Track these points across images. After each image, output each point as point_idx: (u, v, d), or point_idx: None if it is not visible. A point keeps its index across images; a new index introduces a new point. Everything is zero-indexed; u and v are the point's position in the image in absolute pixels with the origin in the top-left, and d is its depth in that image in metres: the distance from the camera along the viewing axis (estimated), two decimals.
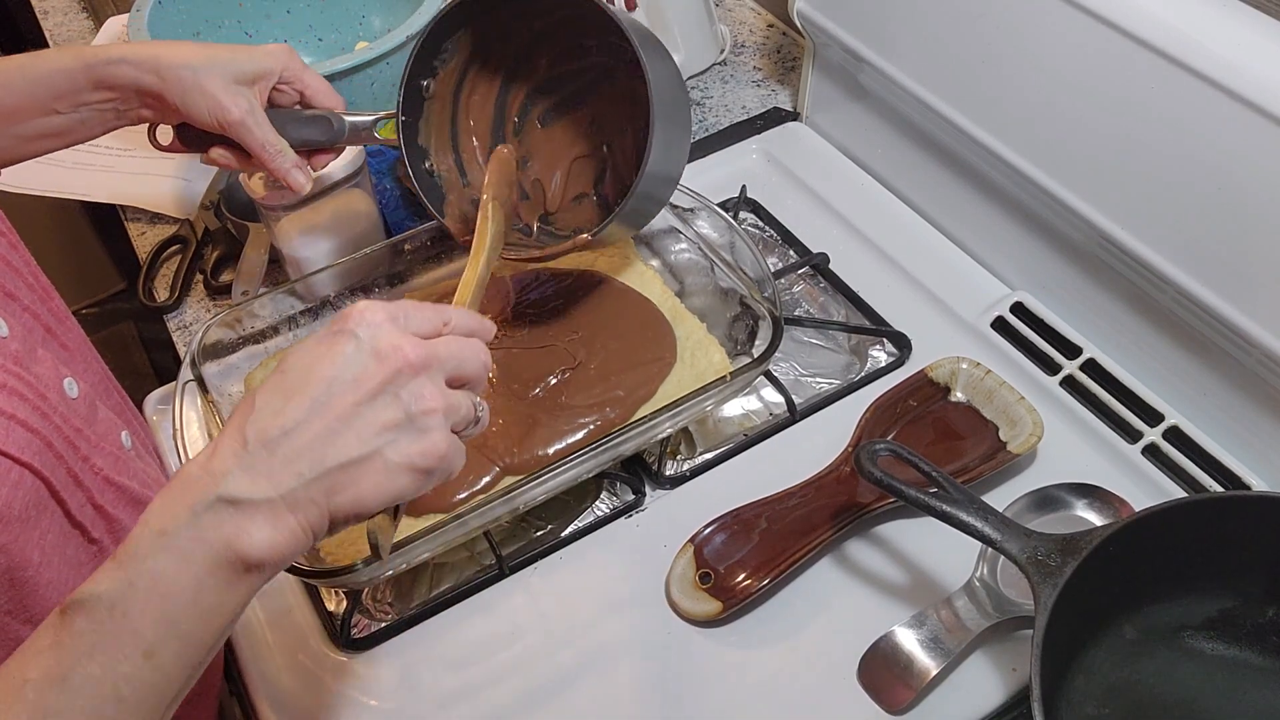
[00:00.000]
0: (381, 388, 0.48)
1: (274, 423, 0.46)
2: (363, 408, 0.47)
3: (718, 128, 1.16)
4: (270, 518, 0.45)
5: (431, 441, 0.49)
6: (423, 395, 0.48)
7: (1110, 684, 0.67)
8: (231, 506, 0.45)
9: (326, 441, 0.46)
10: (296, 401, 0.47)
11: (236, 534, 0.45)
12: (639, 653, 0.74)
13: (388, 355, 0.48)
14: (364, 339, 0.48)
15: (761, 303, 0.82)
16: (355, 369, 0.48)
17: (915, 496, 0.68)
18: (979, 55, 0.88)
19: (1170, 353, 0.83)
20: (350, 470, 0.47)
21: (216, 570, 0.45)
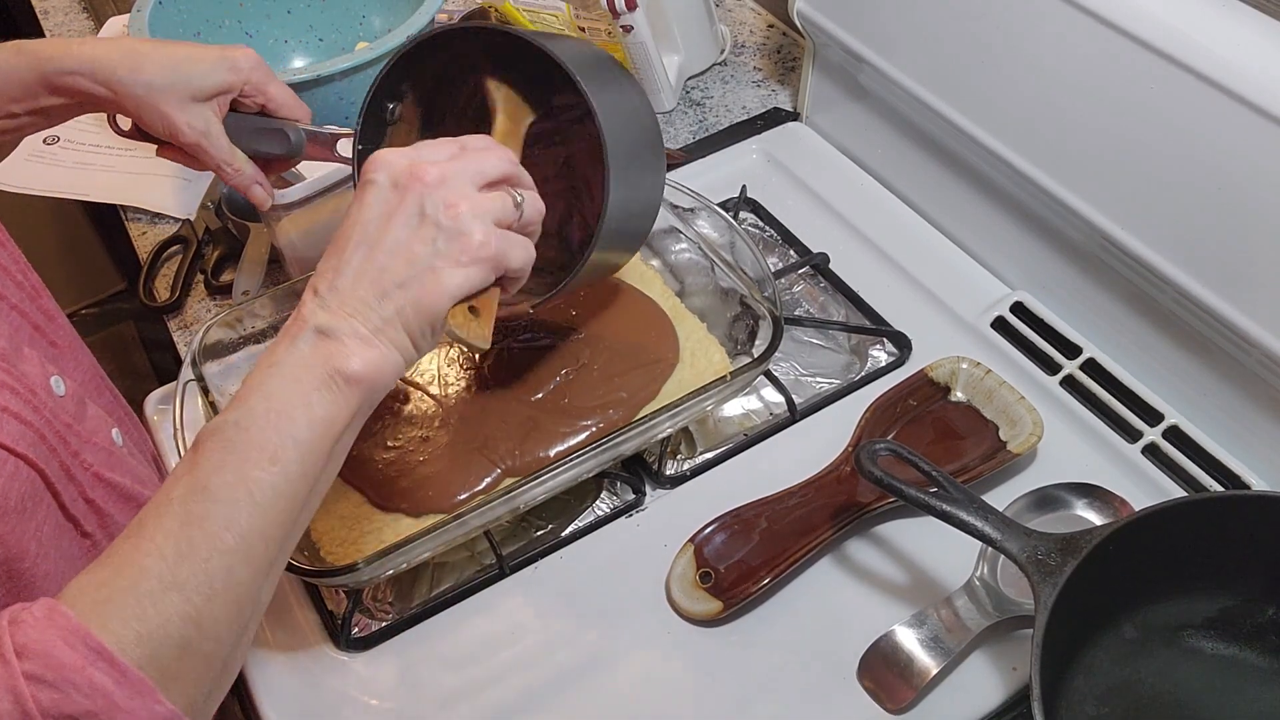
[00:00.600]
0: (409, 211, 0.54)
1: (336, 272, 0.53)
2: (400, 232, 0.53)
3: (718, 128, 1.16)
4: (356, 340, 0.52)
5: (468, 239, 0.54)
6: (448, 202, 0.54)
7: (1110, 683, 0.67)
8: (323, 335, 0.52)
9: (382, 272, 0.53)
10: (348, 250, 0.54)
11: (332, 354, 0.52)
12: (639, 652, 0.74)
13: (407, 184, 0.54)
14: (383, 179, 0.54)
15: (762, 302, 0.82)
16: (384, 204, 0.54)
17: (915, 496, 0.68)
18: (979, 55, 0.88)
19: (1170, 352, 0.83)
20: (407, 287, 0.53)
21: (322, 385, 0.51)
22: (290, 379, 0.51)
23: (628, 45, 1.12)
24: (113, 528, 0.62)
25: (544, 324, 0.86)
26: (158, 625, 0.45)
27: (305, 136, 0.78)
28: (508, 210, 0.57)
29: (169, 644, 0.46)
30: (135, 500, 0.65)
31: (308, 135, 0.79)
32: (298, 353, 0.52)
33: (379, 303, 0.53)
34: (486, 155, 0.57)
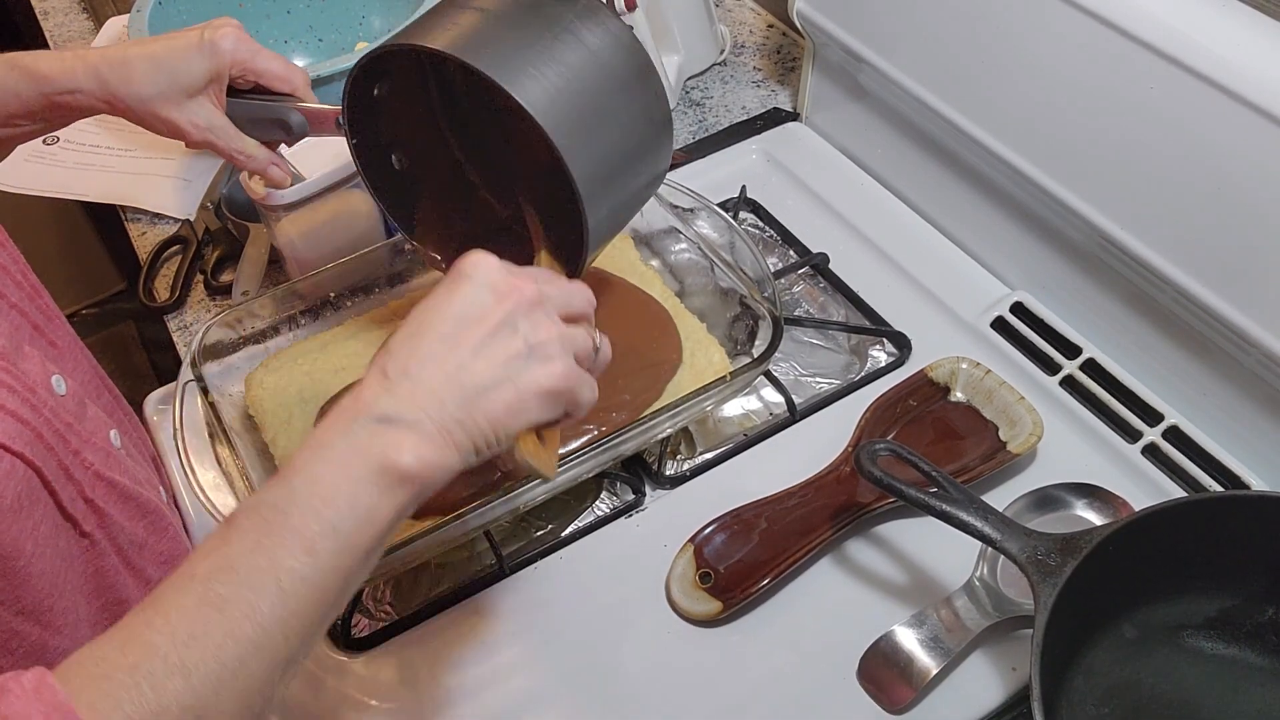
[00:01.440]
0: (503, 321, 0.52)
1: (411, 360, 0.51)
2: (489, 339, 0.52)
3: (717, 128, 1.16)
4: (418, 435, 0.49)
5: (554, 366, 0.53)
6: (541, 325, 0.53)
7: (1110, 683, 0.67)
8: (384, 424, 0.49)
9: (460, 370, 0.51)
10: (429, 339, 0.52)
11: (388, 446, 0.49)
12: (639, 653, 0.74)
13: (506, 293, 0.53)
14: (481, 281, 0.53)
15: (761, 303, 0.82)
16: (478, 306, 0.53)
17: (915, 496, 0.68)
18: (979, 55, 0.88)
19: (1170, 353, 0.83)
20: (486, 395, 0.51)
21: (371, 478, 0.48)
22: (340, 465, 0.48)
23: None
24: (112, 527, 0.62)
25: None
26: (153, 712, 0.42)
27: (305, 118, 0.78)
28: (588, 348, 0.56)
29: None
30: (135, 500, 0.65)
31: (307, 115, 0.78)
32: (353, 438, 0.49)
33: (455, 402, 0.51)
34: (576, 290, 0.58)
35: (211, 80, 0.74)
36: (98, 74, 0.72)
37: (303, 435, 0.79)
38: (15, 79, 0.71)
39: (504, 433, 0.52)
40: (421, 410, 0.50)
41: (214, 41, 0.73)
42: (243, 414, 0.82)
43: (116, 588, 0.62)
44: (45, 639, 0.56)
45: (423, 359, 0.51)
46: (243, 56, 0.74)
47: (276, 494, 0.48)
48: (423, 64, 0.79)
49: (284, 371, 0.83)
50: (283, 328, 0.87)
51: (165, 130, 0.74)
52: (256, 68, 0.75)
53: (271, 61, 0.76)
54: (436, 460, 0.50)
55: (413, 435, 0.49)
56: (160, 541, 0.68)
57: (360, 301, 0.90)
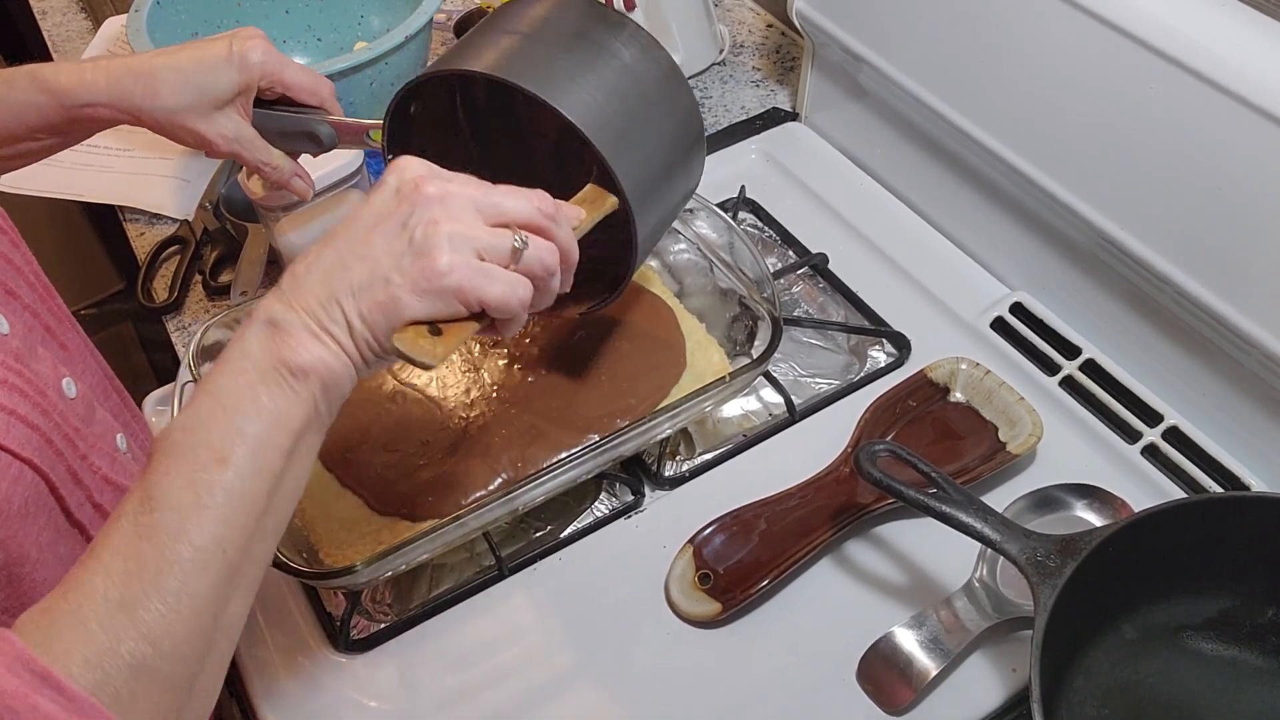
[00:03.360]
0: (397, 219, 0.51)
1: (304, 265, 0.51)
2: (374, 237, 0.51)
3: (717, 128, 1.16)
4: (305, 333, 0.50)
5: (434, 260, 0.50)
6: (429, 218, 0.51)
7: (1110, 684, 0.67)
8: (271, 326, 0.50)
9: (340, 269, 0.51)
10: (329, 247, 0.52)
11: (278, 345, 0.49)
12: (638, 654, 0.74)
13: (406, 193, 0.52)
14: (390, 184, 0.52)
15: (760, 303, 0.82)
16: (381, 207, 0.52)
17: (914, 497, 0.68)
18: (978, 55, 0.88)
19: (1169, 353, 0.83)
20: (361, 295, 0.50)
21: (268, 376, 0.49)
22: (237, 372, 0.49)
23: None
24: None
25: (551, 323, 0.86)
26: (106, 648, 0.43)
27: (335, 130, 0.77)
28: (499, 247, 0.53)
29: (120, 667, 0.43)
30: None
31: (336, 127, 0.77)
32: (245, 345, 0.50)
33: (330, 302, 0.50)
34: (511, 195, 0.54)
35: (240, 93, 0.73)
36: (121, 87, 0.71)
37: None
38: (35, 91, 0.70)
39: (379, 330, 0.51)
40: (302, 309, 0.50)
41: (243, 54, 0.72)
42: None
43: None
44: None
45: (314, 265, 0.51)
46: (272, 69, 0.74)
47: (184, 418, 0.48)
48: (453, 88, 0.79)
49: None
50: None
51: (191, 141, 0.73)
52: (285, 79, 0.75)
53: (300, 74, 0.76)
54: (328, 358, 0.50)
55: (295, 333, 0.50)
56: None
57: None
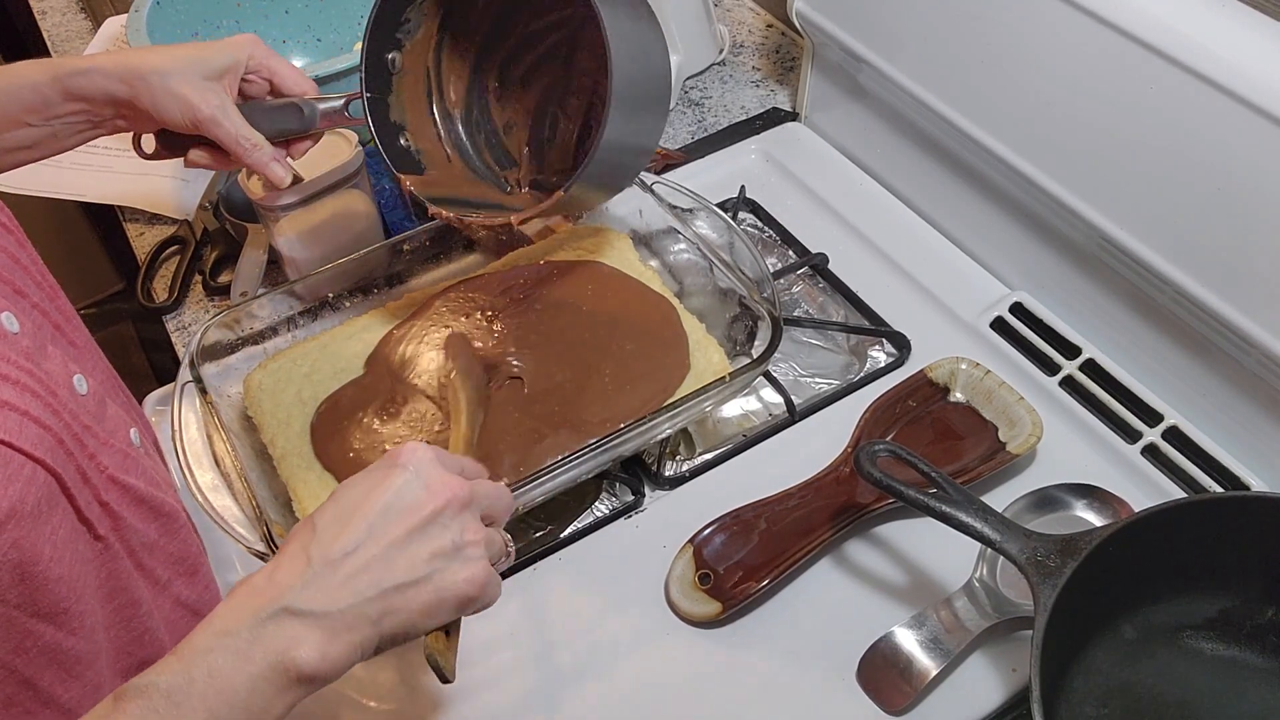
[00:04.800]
0: (432, 518, 0.52)
1: (335, 545, 0.51)
2: (415, 535, 0.52)
3: (716, 128, 1.16)
4: (326, 632, 0.49)
5: (475, 570, 0.53)
6: (468, 528, 0.54)
7: (1110, 684, 0.67)
8: (293, 617, 0.49)
9: (383, 564, 0.51)
10: (355, 525, 0.51)
11: (293, 643, 0.48)
12: (638, 654, 0.74)
13: (438, 490, 0.53)
14: (414, 473, 0.53)
15: (760, 303, 0.82)
16: (409, 499, 0.52)
17: (914, 497, 0.68)
18: (978, 55, 0.88)
19: (1169, 353, 0.83)
20: (403, 591, 0.51)
21: (270, 675, 0.48)
22: (238, 655, 0.48)
23: None
24: (126, 531, 0.62)
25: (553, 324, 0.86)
26: None
27: (317, 108, 0.80)
28: (501, 552, 0.57)
29: None
30: (148, 504, 0.65)
31: (319, 107, 0.80)
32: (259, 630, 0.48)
33: (370, 597, 0.50)
34: (497, 491, 0.58)
35: (228, 70, 0.76)
36: (118, 56, 0.73)
37: (301, 436, 0.79)
38: (34, 70, 0.72)
39: (415, 631, 0.52)
40: (335, 603, 0.49)
41: (234, 42, 0.77)
42: (241, 415, 0.82)
43: (129, 590, 0.62)
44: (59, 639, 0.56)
45: (347, 548, 0.51)
46: (260, 55, 0.78)
47: (173, 680, 0.47)
48: None
49: (282, 373, 0.83)
50: (281, 328, 0.87)
51: (176, 109, 0.74)
52: (272, 65, 0.78)
53: (287, 66, 0.79)
54: (338, 659, 0.49)
55: (318, 631, 0.49)
56: (171, 543, 0.68)
57: (359, 302, 0.90)
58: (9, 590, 0.52)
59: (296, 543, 0.52)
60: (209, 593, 0.72)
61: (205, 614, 0.70)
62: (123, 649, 0.62)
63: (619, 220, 0.95)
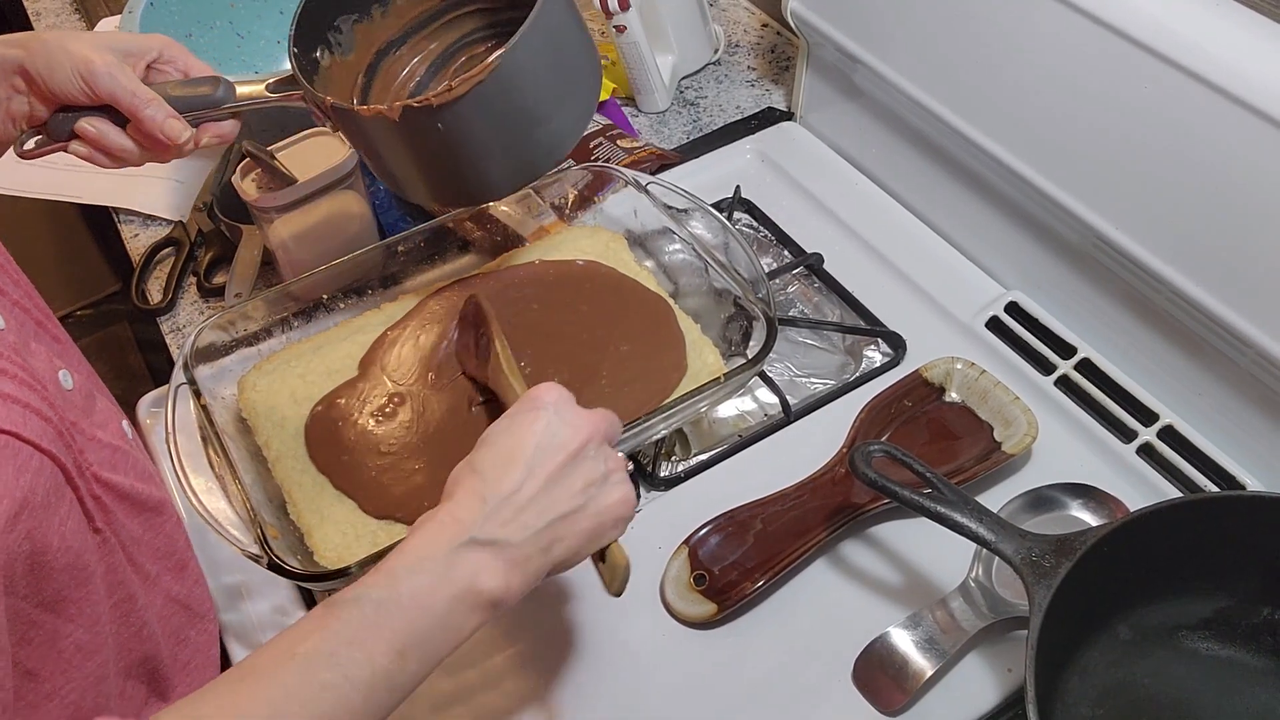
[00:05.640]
0: (580, 452, 0.58)
1: (502, 484, 0.56)
2: (569, 468, 0.57)
3: (712, 127, 1.16)
4: (506, 561, 0.54)
5: (624, 492, 0.59)
6: (610, 456, 0.59)
7: (1105, 684, 0.67)
8: (480, 547, 0.54)
9: (546, 498, 0.56)
10: (515, 465, 0.56)
11: (481, 570, 0.53)
12: (633, 655, 0.74)
13: (581, 426, 0.58)
14: (556, 413, 0.58)
15: (756, 303, 0.82)
16: (558, 437, 0.57)
17: (910, 498, 0.68)
18: (973, 55, 0.88)
19: (1165, 352, 0.83)
20: (568, 520, 0.56)
21: (463, 596, 0.53)
22: (437, 578, 0.53)
23: (621, 45, 1.12)
24: (117, 526, 0.63)
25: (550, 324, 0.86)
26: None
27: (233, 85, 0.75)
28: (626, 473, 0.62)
29: None
30: (134, 499, 0.65)
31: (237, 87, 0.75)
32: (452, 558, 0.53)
33: (542, 530, 0.55)
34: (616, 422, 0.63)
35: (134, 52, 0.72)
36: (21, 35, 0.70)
37: (295, 438, 0.79)
38: None
39: (580, 555, 0.58)
40: (512, 535, 0.55)
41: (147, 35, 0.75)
42: (236, 416, 0.82)
43: (125, 584, 0.63)
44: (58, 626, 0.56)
45: (513, 486, 0.56)
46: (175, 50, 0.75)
47: (382, 593, 0.52)
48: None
49: (277, 374, 0.83)
50: (276, 330, 0.86)
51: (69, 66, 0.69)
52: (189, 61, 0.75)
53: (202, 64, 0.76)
54: (518, 585, 0.55)
55: (500, 561, 0.54)
56: (157, 538, 0.68)
57: (353, 303, 0.89)
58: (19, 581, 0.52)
59: (466, 487, 0.56)
60: (199, 588, 0.72)
61: (196, 609, 0.71)
62: (123, 643, 0.62)
63: (614, 220, 0.95)
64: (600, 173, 0.95)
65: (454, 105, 0.70)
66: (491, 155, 0.75)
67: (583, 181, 0.95)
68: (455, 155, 0.74)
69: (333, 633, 0.50)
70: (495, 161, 0.76)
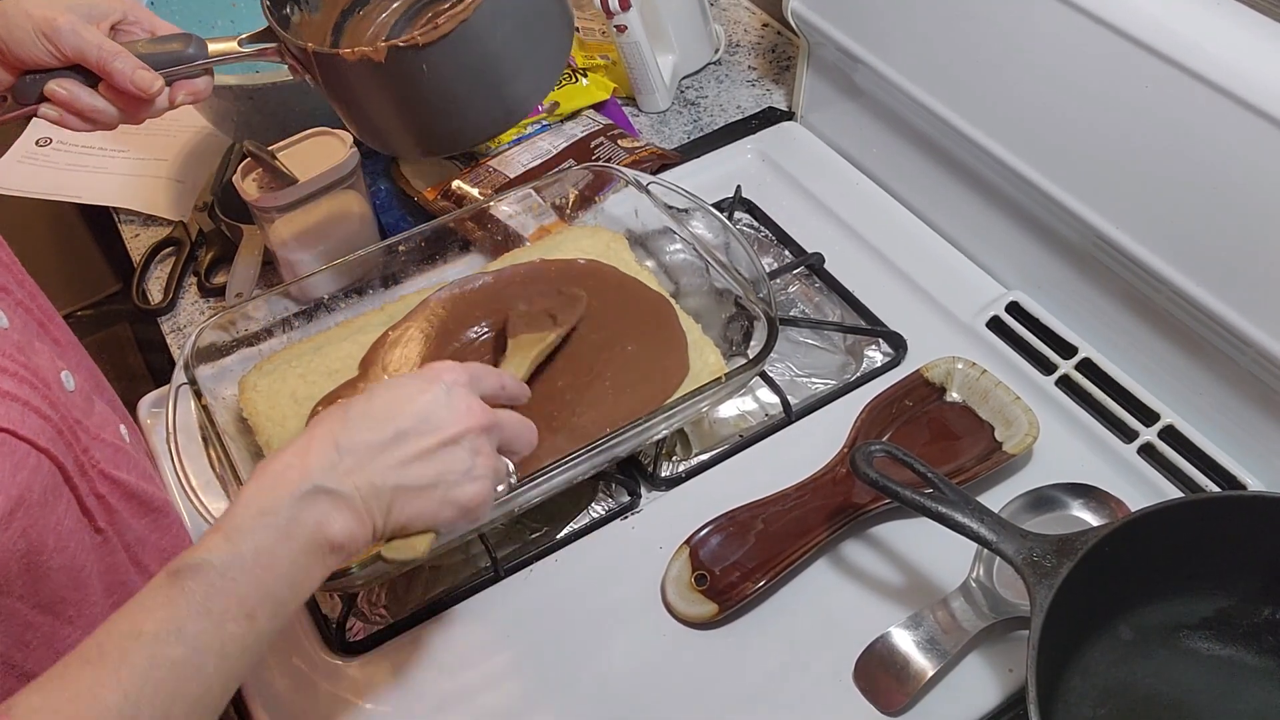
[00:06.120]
0: (453, 440, 0.57)
1: (364, 438, 0.55)
2: (435, 452, 0.57)
3: (712, 127, 1.16)
4: (351, 510, 0.54)
5: (480, 489, 0.58)
6: (484, 452, 0.59)
7: (1106, 684, 0.67)
8: (325, 495, 0.53)
9: (400, 467, 0.56)
10: (384, 428, 0.56)
11: (325, 519, 0.53)
12: (635, 656, 0.74)
13: (464, 415, 0.58)
14: (447, 393, 0.58)
15: (756, 303, 0.82)
16: (438, 418, 0.57)
17: (910, 498, 0.68)
18: (974, 54, 0.87)
19: (1166, 352, 0.83)
20: (415, 493, 0.56)
21: (309, 548, 0.53)
22: (281, 533, 0.52)
23: (622, 45, 1.12)
24: (121, 525, 0.63)
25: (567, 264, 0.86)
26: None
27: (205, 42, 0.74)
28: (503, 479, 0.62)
29: None
30: (139, 498, 0.65)
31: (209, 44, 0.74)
32: (296, 509, 0.52)
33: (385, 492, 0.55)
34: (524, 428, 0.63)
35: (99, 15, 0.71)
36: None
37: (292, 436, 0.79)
38: None
39: (412, 527, 0.57)
40: (358, 488, 0.54)
41: None
42: (236, 416, 0.82)
43: (127, 585, 0.63)
44: (56, 629, 0.56)
45: (374, 444, 0.55)
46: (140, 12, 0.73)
47: (223, 556, 0.50)
48: None
49: (278, 374, 0.83)
50: (276, 330, 0.86)
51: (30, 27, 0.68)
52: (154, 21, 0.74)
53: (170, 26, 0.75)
54: (360, 534, 0.55)
55: (345, 510, 0.54)
56: (162, 538, 0.68)
57: (354, 303, 0.89)
58: (14, 581, 0.52)
59: (325, 429, 0.56)
60: None
61: None
62: None
63: (615, 220, 0.95)
64: (601, 172, 0.95)
65: (439, 44, 0.70)
66: (474, 97, 0.75)
67: (583, 181, 0.95)
68: (438, 99, 0.74)
69: (178, 606, 0.49)
70: (477, 106, 0.76)
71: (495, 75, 0.75)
